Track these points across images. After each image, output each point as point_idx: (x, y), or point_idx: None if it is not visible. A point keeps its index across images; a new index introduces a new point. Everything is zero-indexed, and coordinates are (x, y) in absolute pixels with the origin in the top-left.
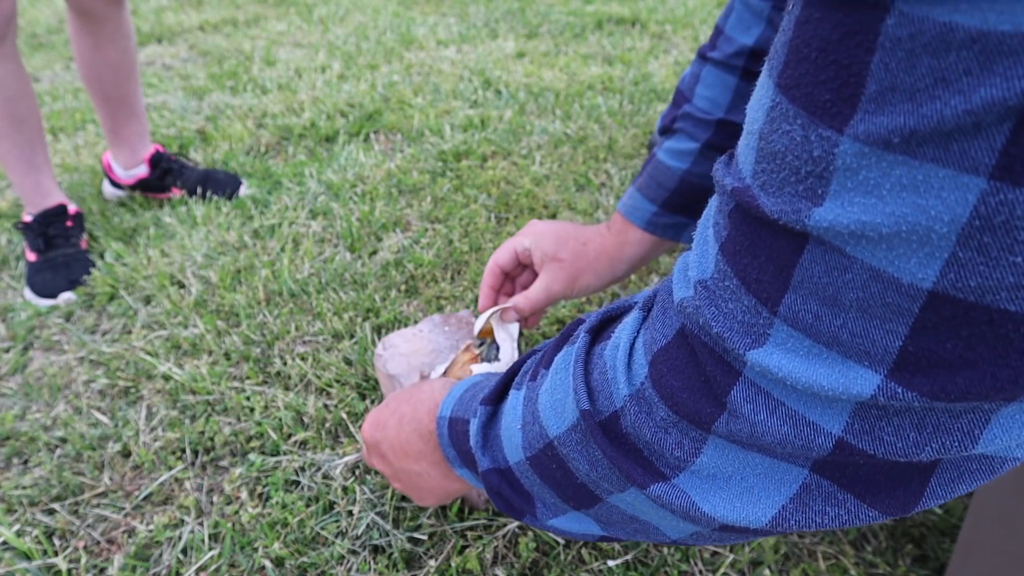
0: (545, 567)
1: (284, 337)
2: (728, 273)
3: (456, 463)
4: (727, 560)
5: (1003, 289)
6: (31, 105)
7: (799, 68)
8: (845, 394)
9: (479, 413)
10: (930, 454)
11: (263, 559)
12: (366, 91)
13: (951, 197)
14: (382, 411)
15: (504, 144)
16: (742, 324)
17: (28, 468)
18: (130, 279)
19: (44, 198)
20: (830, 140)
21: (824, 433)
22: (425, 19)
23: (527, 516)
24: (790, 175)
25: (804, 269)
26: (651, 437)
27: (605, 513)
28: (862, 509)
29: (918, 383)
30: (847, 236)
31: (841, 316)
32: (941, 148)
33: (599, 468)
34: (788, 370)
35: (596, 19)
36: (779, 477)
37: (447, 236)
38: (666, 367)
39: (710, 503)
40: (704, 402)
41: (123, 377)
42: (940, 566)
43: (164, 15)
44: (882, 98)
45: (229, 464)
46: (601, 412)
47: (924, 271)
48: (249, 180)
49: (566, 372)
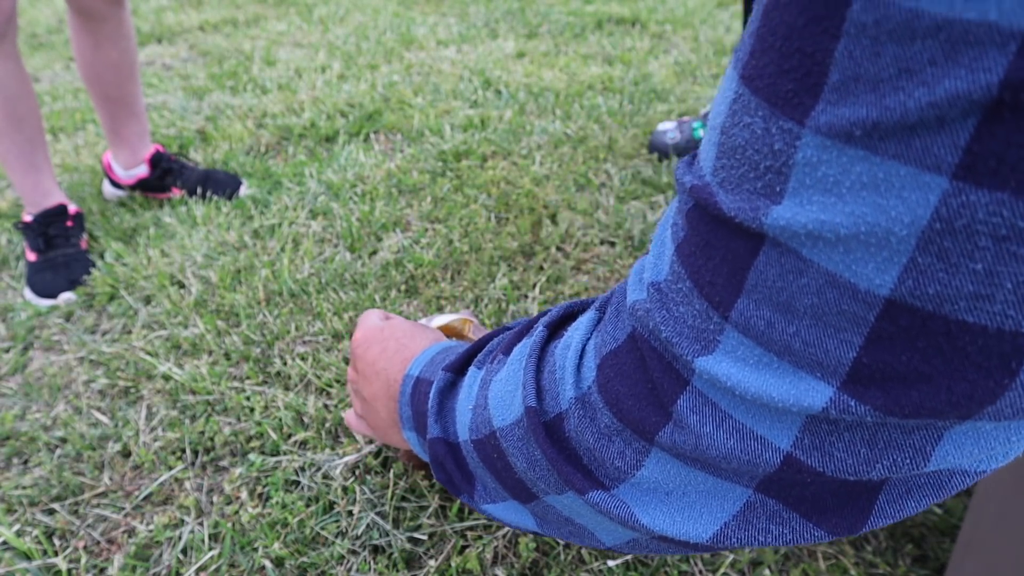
0: (545, 567)
1: (284, 337)
2: (682, 275)
3: (407, 425)
4: (727, 560)
5: (962, 298)
6: (31, 105)
7: (763, 58)
8: (796, 406)
9: (440, 378)
10: (881, 472)
11: (263, 559)
12: (366, 91)
13: (912, 197)
14: (378, 331)
15: (504, 144)
16: (692, 329)
17: (28, 468)
18: (130, 279)
19: (44, 198)
20: (791, 132)
21: (772, 448)
22: (425, 19)
23: (464, 495)
24: (749, 171)
25: (758, 272)
26: (593, 444)
27: (541, 510)
28: (808, 528)
29: (872, 396)
30: (804, 237)
31: (794, 323)
32: (903, 144)
33: (538, 468)
34: (737, 379)
35: (596, 19)
36: (722, 495)
37: (447, 236)
38: (614, 372)
39: (649, 516)
40: (649, 410)
41: (123, 377)
42: (940, 566)
43: (164, 15)
44: (845, 88)
45: (229, 464)
46: (547, 412)
47: (882, 277)
48: (249, 180)
49: (519, 365)
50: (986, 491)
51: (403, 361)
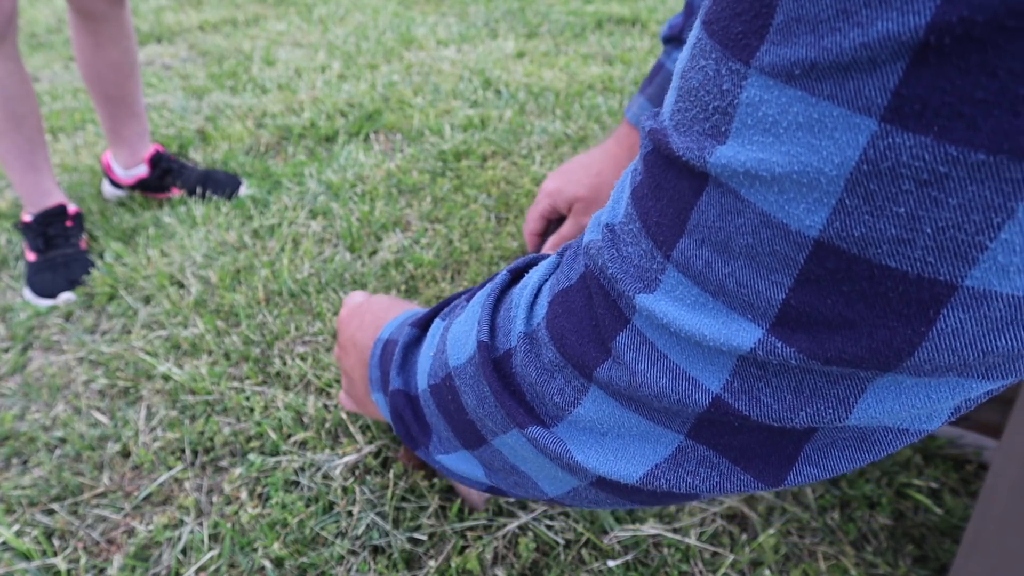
0: (545, 567)
1: (284, 337)
2: (633, 216)
3: (376, 386)
4: (727, 560)
5: (885, 242)
6: (31, 105)
7: (721, 2)
8: (726, 346)
9: (406, 334)
10: (804, 419)
11: (263, 559)
12: (366, 91)
13: (843, 138)
14: (357, 307)
15: (504, 144)
16: (637, 268)
17: (27, 468)
18: (130, 279)
19: (44, 198)
20: (739, 73)
21: (702, 389)
22: (425, 19)
23: (421, 448)
24: (700, 112)
25: (700, 212)
26: (535, 379)
27: (488, 457)
28: (735, 472)
29: (797, 340)
30: (743, 176)
31: (730, 264)
32: (838, 85)
33: (485, 405)
34: (674, 318)
35: (596, 19)
36: (655, 439)
37: (447, 236)
38: (562, 308)
39: (583, 454)
40: (590, 346)
41: (123, 377)
42: (941, 566)
43: (164, 15)
44: (788, 29)
45: (229, 464)
46: (497, 349)
47: (812, 218)
48: (249, 180)
49: (479, 305)
50: (991, 492)
51: (376, 329)
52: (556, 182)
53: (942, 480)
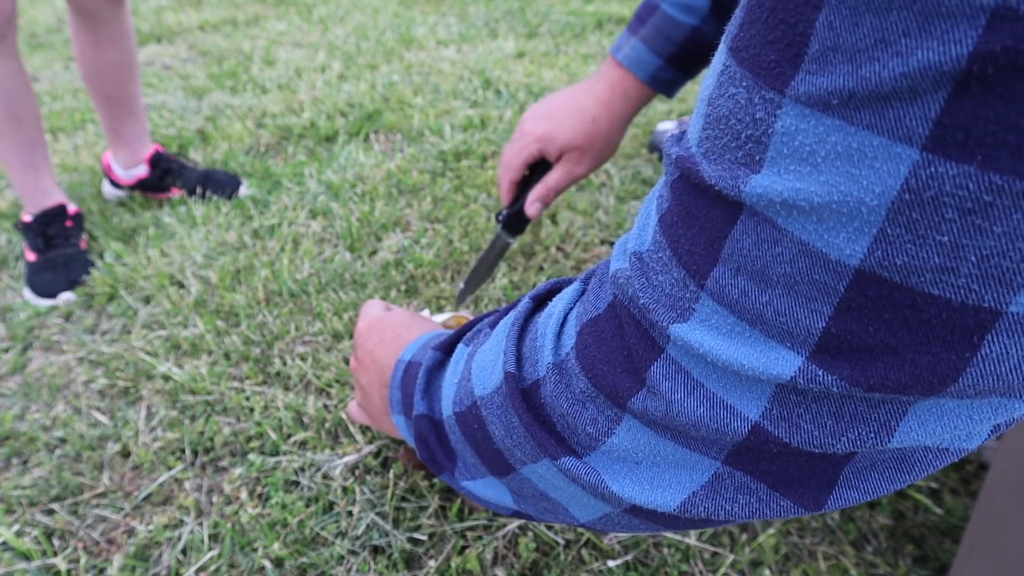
0: (545, 567)
1: (284, 337)
2: (663, 244)
3: (396, 408)
4: (727, 560)
5: (928, 271)
6: (31, 105)
7: (750, 30)
8: (765, 375)
9: (429, 357)
10: (846, 445)
11: (263, 559)
12: (366, 91)
13: (884, 168)
14: (378, 321)
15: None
16: (669, 297)
17: (27, 468)
18: (130, 279)
19: (44, 198)
20: (772, 102)
21: (741, 417)
22: (425, 19)
23: (446, 473)
24: (731, 140)
25: (735, 241)
26: (567, 410)
27: (517, 484)
28: (775, 498)
29: (839, 367)
30: (779, 206)
31: (767, 292)
32: (877, 114)
33: (514, 435)
34: (710, 347)
35: (596, 19)
36: (691, 466)
37: (447, 236)
38: (592, 338)
39: (619, 483)
40: (623, 376)
41: (123, 377)
42: (941, 566)
43: (164, 15)
44: (824, 58)
45: (229, 464)
46: (525, 379)
47: (852, 247)
48: (249, 180)
49: (503, 335)
50: (992, 492)
51: (397, 349)
52: (545, 126)
53: (942, 480)
